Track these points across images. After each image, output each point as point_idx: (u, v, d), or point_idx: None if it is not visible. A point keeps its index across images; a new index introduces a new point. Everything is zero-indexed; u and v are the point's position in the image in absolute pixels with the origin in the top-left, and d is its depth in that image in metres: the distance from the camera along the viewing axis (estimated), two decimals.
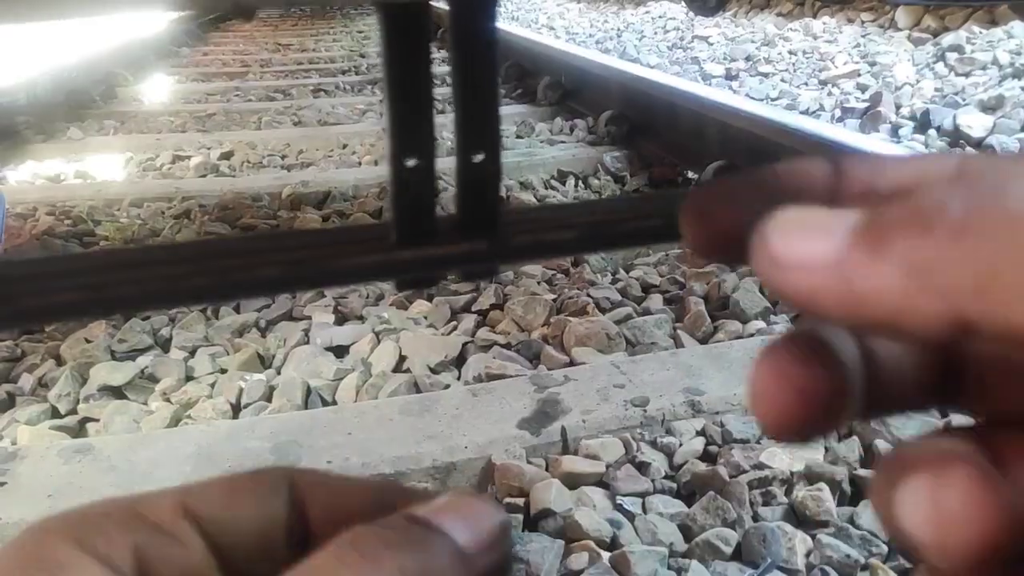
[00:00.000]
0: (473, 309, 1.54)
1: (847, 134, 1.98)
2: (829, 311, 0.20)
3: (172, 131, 3.21)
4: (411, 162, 0.26)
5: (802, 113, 2.99)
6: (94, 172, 2.68)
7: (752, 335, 1.38)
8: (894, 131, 2.78)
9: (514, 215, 0.30)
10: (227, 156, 2.78)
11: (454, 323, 1.49)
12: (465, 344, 1.40)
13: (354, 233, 0.30)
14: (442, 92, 0.62)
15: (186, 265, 0.27)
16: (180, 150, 2.86)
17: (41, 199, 2.30)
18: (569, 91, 3.30)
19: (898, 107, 2.97)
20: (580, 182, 2.39)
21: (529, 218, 0.30)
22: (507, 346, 1.39)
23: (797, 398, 0.24)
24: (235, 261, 0.27)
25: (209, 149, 2.85)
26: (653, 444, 1.10)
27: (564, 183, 2.37)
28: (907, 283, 0.18)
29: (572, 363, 1.32)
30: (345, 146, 2.89)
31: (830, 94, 3.34)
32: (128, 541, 0.27)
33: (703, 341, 1.39)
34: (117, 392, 1.31)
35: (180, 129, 3.24)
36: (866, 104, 3.06)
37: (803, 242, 0.20)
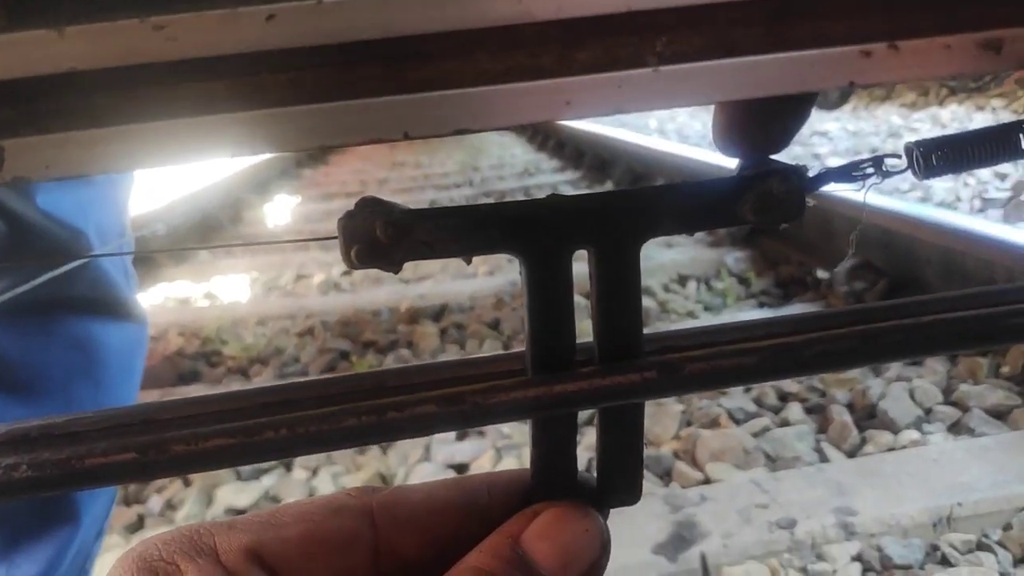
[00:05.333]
0: (595, 422, 1.46)
1: (992, 226, 1.85)
2: None
3: (295, 251, 3.31)
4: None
5: (937, 205, 2.84)
6: (221, 293, 2.77)
7: (905, 447, 1.26)
8: None
9: (675, 341, 0.29)
10: (347, 273, 2.83)
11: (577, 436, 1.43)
12: (590, 459, 1.32)
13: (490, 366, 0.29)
14: None
15: (338, 403, 0.27)
16: (303, 269, 2.93)
17: (172, 321, 2.37)
18: None
19: None
20: (702, 284, 2.32)
21: (691, 343, 0.27)
22: None
23: None
24: (389, 399, 0.27)
25: (331, 267, 2.91)
26: (803, 571, 0.99)
27: (685, 286, 2.30)
28: None
29: (707, 480, 1.23)
30: None
31: (966, 185, 3.17)
32: None
33: (851, 454, 1.28)
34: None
35: (303, 248, 3.34)
36: (1008, 193, 2.89)
37: None
